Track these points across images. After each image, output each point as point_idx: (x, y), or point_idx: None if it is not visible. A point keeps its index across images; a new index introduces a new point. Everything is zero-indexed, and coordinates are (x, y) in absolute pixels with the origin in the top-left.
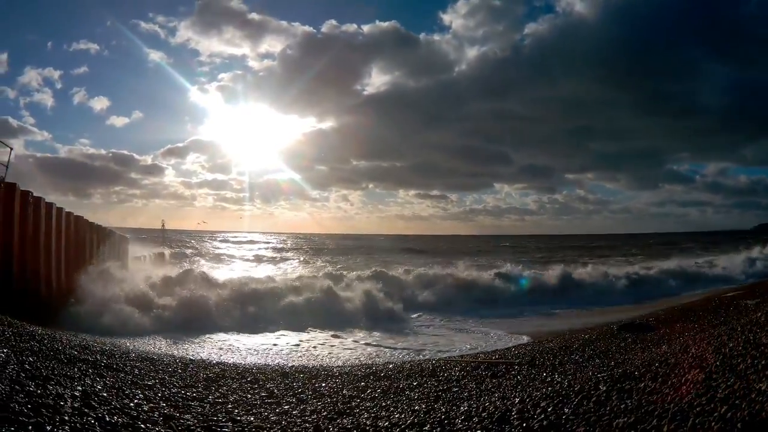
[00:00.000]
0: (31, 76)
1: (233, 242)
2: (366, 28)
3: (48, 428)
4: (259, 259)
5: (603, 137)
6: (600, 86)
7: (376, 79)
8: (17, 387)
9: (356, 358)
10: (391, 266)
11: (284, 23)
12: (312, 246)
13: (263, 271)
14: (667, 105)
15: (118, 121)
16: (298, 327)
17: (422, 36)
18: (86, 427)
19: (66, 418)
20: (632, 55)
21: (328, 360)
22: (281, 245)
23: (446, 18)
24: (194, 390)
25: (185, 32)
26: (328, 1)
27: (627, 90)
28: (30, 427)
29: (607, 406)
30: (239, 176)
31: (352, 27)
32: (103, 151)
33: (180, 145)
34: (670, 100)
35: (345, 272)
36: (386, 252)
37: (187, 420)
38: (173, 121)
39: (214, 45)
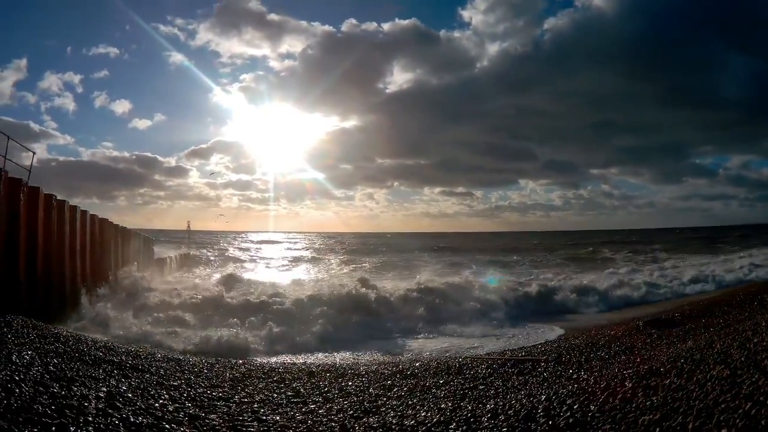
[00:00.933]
0: (51, 80)
1: (263, 242)
2: (386, 26)
3: (71, 429)
4: (297, 260)
5: (626, 131)
6: (621, 80)
7: (398, 77)
8: (41, 388)
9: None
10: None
11: (303, 23)
12: (345, 246)
13: (310, 274)
14: (689, 98)
15: (141, 123)
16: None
17: (442, 33)
18: (110, 427)
19: (90, 419)
20: (653, 47)
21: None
22: (318, 245)
23: (465, 14)
24: (220, 390)
25: (205, 34)
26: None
27: (648, 83)
28: (53, 428)
29: (632, 403)
30: (264, 176)
31: (371, 25)
32: (126, 154)
33: (203, 146)
34: (692, 92)
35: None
36: (423, 251)
37: (213, 420)
38: (196, 123)
39: (234, 46)
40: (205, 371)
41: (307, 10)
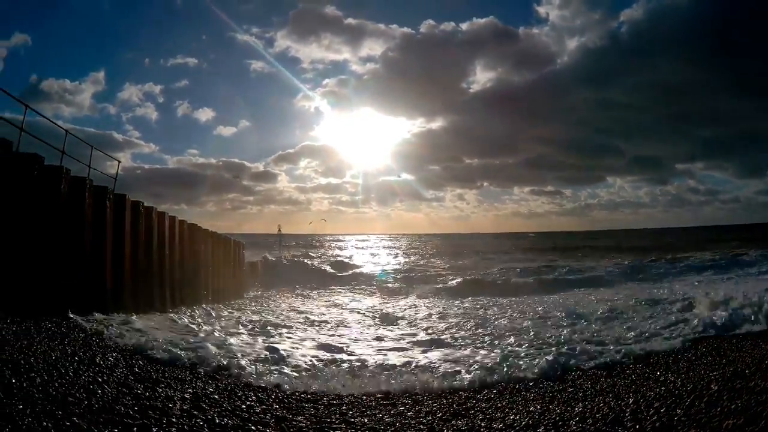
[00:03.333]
0: (131, 91)
1: (365, 246)
2: (464, 25)
3: (154, 430)
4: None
5: (708, 123)
6: (701, 68)
7: (481, 76)
8: (124, 389)
9: None
10: None
11: (381, 26)
12: (452, 248)
13: None
14: None
15: (225, 130)
16: None
17: (521, 30)
18: (194, 428)
19: (174, 420)
20: (732, 33)
21: None
22: (430, 249)
23: (541, 10)
24: (308, 392)
25: (283, 41)
26: (421, 1)
27: (728, 70)
28: (135, 429)
29: (717, 406)
30: (353, 179)
31: (449, 25)
32: (213, 160)
33: (291, 151)
34: None
35: None
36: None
37: (300, 422)
38: (281, 128)
39: (314, 52)
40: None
41: (383, 13)
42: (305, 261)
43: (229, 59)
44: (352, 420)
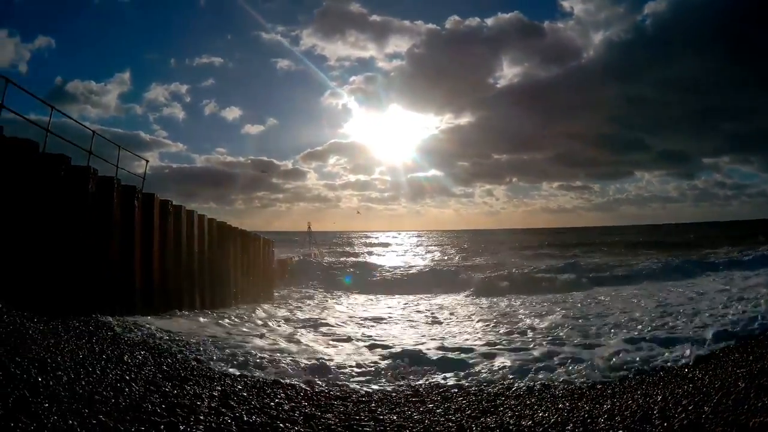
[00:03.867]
0: (157, 91)
1: (399, 243)
2: (489, 21)
3: (181, 428)
4: None
5: (735, 117)
6: (726, 61)
7: (508, 71)
8: (152, 387)
9: None
10: None
11: (406, 22)
12: (496, 245)
13: None
14: None
15: (253, 129)
16: None
17: (546, 24)
18: (222, 426)
19: (201, 417)
20: (757, 25)
21: None
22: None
23: (565, 4)
24: (338, 389)
25: (308, 39)
26: None
27: (754, 63)
28: (162, 427)
29: (744, 404)
30: (381, 176)
31: (474, 21)
32: (241, 159)
33: (319, 148)
34: None
35: None
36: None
37: (329, 419)
38: (309, 126)
39: (340, 49)
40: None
41: (407, 10)
42: (337, 259)
43: (255, 58)
44: (381, 417)
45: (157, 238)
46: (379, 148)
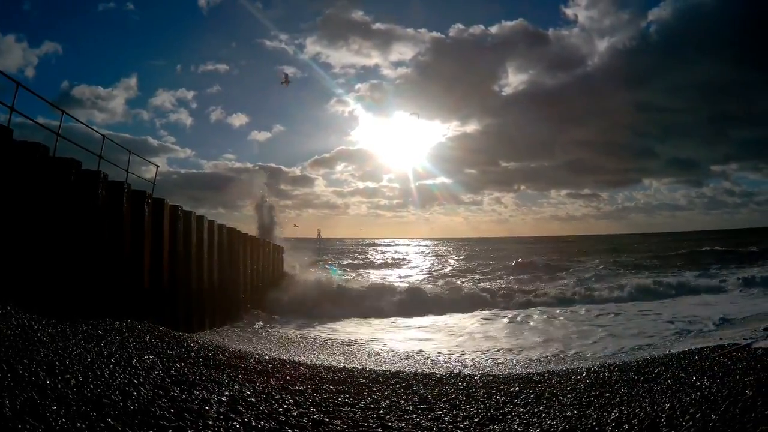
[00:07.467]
0: (163, 97)
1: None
2: (493, 29)
3: None
4: None
5: (742, 123)
6: (732, 67)
7: (513, 79)
8: (160, 392)
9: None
10: None
11: (410, 30)
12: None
13: None
14: None
15: (260, 135)
16: None
17: (551, 31)
18: (230, 431)
19: (210, 422)
20: (761, 29)
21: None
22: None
23: (569, 11)
24: (346, 395)
25: (312, 47)
26: (448, 4)
27: (761, 70)
28: (170, 431)
29: (751, 412)
30: (389, 183)
31: (478, 29)
32: (249, 165)
33: (327, 155)
34: None
35: None
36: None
37: (337, 426)
38: (317, 133)
39: (344, 57)
40: (330, 376)
41: (410, 18)
42: (347, 269)
43: (260, 65)
44: (390, 424)
45: (167, 244)
46: (387, 155)
